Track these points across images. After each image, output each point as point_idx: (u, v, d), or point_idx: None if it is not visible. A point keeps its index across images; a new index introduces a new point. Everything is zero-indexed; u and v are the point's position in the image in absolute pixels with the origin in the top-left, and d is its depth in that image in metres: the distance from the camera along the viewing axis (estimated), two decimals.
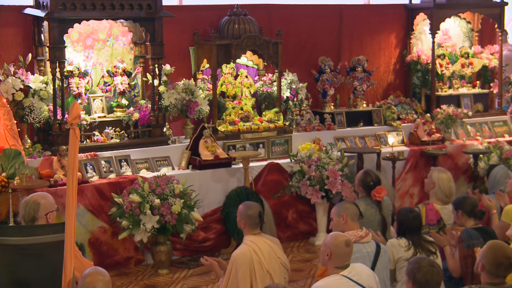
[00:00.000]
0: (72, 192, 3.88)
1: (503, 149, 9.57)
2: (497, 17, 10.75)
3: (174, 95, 8.43)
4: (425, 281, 4.20)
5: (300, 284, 7.40)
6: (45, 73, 8.02)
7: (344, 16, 10.20)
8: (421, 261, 4.29)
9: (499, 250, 4.46)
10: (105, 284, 3.81)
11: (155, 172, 8.12)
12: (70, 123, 3.89)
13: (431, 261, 4.31)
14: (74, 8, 7.69)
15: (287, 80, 9.39)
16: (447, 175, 6.69)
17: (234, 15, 8.93)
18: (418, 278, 4.21)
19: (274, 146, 9.00)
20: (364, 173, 6.71)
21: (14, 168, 7.07)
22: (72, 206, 3.89)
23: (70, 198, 3.88)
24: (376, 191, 6.50)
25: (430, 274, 4.21)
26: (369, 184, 6.56)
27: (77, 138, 3.89)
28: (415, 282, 4.22)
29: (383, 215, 6.51)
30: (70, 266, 3.89)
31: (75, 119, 3.88)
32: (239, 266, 5.29)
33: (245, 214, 5.44)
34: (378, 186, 6.54)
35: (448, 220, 6.53)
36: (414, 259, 4.40)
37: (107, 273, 3.91)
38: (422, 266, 4.24)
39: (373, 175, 6.65)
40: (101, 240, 7.70)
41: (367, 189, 6.58)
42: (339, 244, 4.59)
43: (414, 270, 4.24)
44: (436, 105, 10.30)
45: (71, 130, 3.89)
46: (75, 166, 3.89)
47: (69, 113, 3.96)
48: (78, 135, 3.90)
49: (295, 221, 8.84)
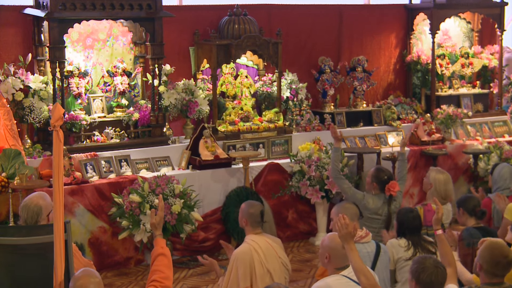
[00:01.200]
0: (59, 196, 3.85)
1: (503, 149, 9.57)
2: (497, 17, 10.75)
3: (174, 95, 8.43)
4: (429, 281, 4.16)
5: (300, 284, 7.40)
6: (45, 73, 8.02)
7: (344, 16, 10.20)
8: (426, 261, 4.23)
9: (496, 249, 4.44)
10: (96, 286, 3.80)
11: (155, 172, 8.12)
12: (53, 125, 3.83)
13: (436, 261, 4.26)
14: (74, 8, 7.69)
15: (287, 80, 9.39)
16: (444, 176, 6.68)
17: (234, 15, 8.93)
18: (423, 279, 4.16)
19: (274, 146, 9.01)
20: (377, 169, 6.91)
21: (14, 168, 7.07)
22: (59, 209, 3.86)
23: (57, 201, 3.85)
24: (391, 186, 6.66)
25: (435, 275, 4.16)
26: (383, 179, 6.72)
27: (60, 141, 3.82)
28: (419, 282, 4.18)
29: (390, 211, 6.60)
30: (60, 268, 3.88)
31: (57, 121, 3.82)
32: (239, 264, 5.31)
33: (247, 212, 5.46)
34: (392, 181, 6.72)
35: (446, 220, 6.54)
36: (419, 258, 4.32)
37: (98, 274, 3.90)
38: (426, 267, 4.18)
39: (386, 170, 6.89)
40: (101, 240, 7.71)
41: (381, 184, 6.73)
42: (336, 246, 4.59)
43: (419, 270, 4.19)
44: (436, 105, 10.30)
45: (54, 132, 3.83)
46: (60, 168, 3.85)
47: (51, 115, 3.90)
48: (62, 137, 3.84)
49: (295, 221, 8.84)
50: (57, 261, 3.87)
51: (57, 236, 3.87)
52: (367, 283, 4.34)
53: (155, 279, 4.14)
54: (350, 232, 4.43)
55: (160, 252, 4.24)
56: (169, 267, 4.23)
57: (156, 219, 4.34)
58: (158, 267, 4.18)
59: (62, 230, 3.88)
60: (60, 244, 3.86)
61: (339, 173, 7.13)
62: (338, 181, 7.13)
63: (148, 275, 4.33)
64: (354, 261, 4.39)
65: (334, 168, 7.15)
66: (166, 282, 4.15)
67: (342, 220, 4.39)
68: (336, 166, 7.14)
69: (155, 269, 4.18)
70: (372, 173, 6.85)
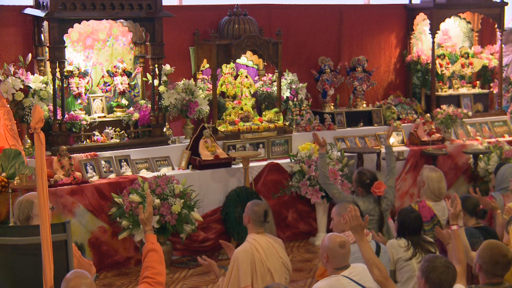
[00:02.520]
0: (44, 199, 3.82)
1: (503, 149, 9.57)
2: (497, 17, 10.75)
3: (174, 95, 8.43)
4: (439, 281, 4.13)
5: (300, 284, 7.40)
6: (45, 73, 8.02)
7: (344, 16, 10.20)
8: (437, 260, 4.20)
9: (495, 249, 4.44)
10: (87, 287, 3.80)
11: (155, 172, 8.12)
12: (33, 128, 3.79)
13: (446, 261, 4.23)
14: (74, 8, 7.69)
15: (287, 80, 9.39)
16: (437, 174, 6.66)
17: (234, 15, 8.93)
18: (432, 278, 4.13)
19: (274, 146, 9.01)
20: (358, 173, 6.86)
21: (14, 168, 7.07)
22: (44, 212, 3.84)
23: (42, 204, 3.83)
24: (376, 187, 6.64)
25: (445, 275, 4.13)
26: (366, 182, 6.70)
27: (42, 143, 3.78)
28: (428, 280, 4.15)
29: (381, 210, 6.60)
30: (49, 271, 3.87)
31: (38, 123, 3.77)
32: (240, 263, 5.31)
33: (251, 210, 5.47)
34: (376, 182, 6.68)
35: (442, 216, 6.53)
36: (430, 257, 4.28)
37: (89, 275, 3.89)
38: (437, 266, 4.15)
39: (368, 173, 6.81)
40: (101, 240, 7.71)
41: (365, 187, 6.72)
42: (333, 247, 4.60)
43: (429, 269, 4.16)
44: (436, 105, 10.30)
45: (35, 135, 3.79)
46: (43, 171, 3.81)
47: (32, 117, 3.88)
48: (43, 139, 3.80)
49: (295, 221, 8.84)
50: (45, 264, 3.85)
51: (44, 239, 3.84)
52: (380, 275, 4.34)
53: (147, 276, 4.13)
54: (361, 223, 4.45)
55: (151, 247, 4.23)
56: (161, 262, 4.22)
57: (145, 214, 4.32)
58: (150, 263, 4.17)
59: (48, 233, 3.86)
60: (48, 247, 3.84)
61: (328, 179, 7.14)
62: (327, 187, 7.14)
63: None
64: (366, 253, 4.40)
65: (322, 174, 7.16)
66: (158, 278, 4.14)
67: (352, 212, 4.45)
68: (323, 172, 7.14)
69: (146, 265, 4.17)
70: (354, 177, 6.85)
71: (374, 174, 6.80)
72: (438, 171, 6.71)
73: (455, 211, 4.96)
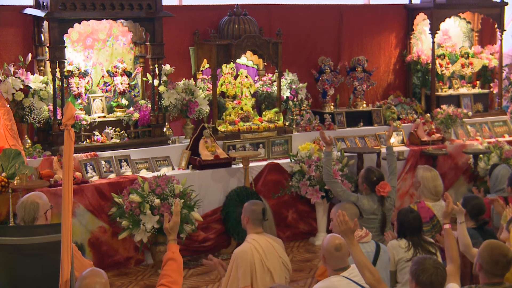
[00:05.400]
0: (68, 194, 3.87)
1: (503, 149, 9.57)
2: (497, 17, 10.76)
3: (174, 95, 8.44)
4: (429, 282, 4.14)
5: (300, 284, 7.40)
6: (45, 73, 8.02)
7: (344, 16, 10.20)
8: (426, 262, 4.21)
9: (495, 249, 4.44)
10: (102, 286, 3.80)
11: (155, 172, 8.12)
12: (65, 124, 3.86)
13: (435, 262, 4.24)
14: (74, 8, 7.69)
15: (287, 80, 9.39)
16: (431, 173, 6.64)
17: (234, 15, 8.93)
18: (423, 280, 4.15)
19: (274, 146, 9.01)
20: (367, 170, 6.85)
21: (14, 168, 7.07)
22: (68, 208, 3.88)
23: (66, 200, 3.87)
24: (381, 187, 6.64)
25: (435, 276, 4.15)
26: (372, 180, 6.69)
27: (71, 140, 3.86)
28: (419, 283, 4.16)
29: (384, 211, 6.59)
30: (67, 266, 3.88)
31: (69, 120, 3.85)
32: (239, 263, 5.31)
33: (249, 209, 5.47)
34: (382, 182, 6.68)
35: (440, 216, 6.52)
36: (418, 259, 4.30)
37: (105, 274, 3.90)
38: (426, 268, 4.17)
39: (376, 171, 6.81)
40: (101, 240, 7.70)
41: (371, 186, 6.70)
42: (330, 249, 4.62)
43: (418, 271, 4.17)
44: (436, 105, 10.31)
45: (66, 131, 3.86)
46: (70, 167, 3.87)
47: (64, 114, 3.94)
48: (73, 136, 3.88)
49: (295, 221, 8.84)
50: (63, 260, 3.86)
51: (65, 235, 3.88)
52: (372, 278, 4.35)
53: (162, 283, 4.18)
54: (350, 227, 4.45)
55: (171, 256, 4.27)
56: (178, 271, 4.26)
57: (170, 224, 4.34)
58: (167, 272, 4.22)
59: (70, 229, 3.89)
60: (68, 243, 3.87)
61: (332, 177, 7.13)
62: (331, 185, 7.13)
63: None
64: (357, 256, 4.40)
65: (327, 172, 7.15)
66: (173, 286, 4.18)
67: (341, 217, 4.46)
68: (328, 170, 7.13)
69: (164, 273, 4.23)
70: (362, 174, 6.85)
71: (382, 174, 6.80)
72: (433, 170, 6.70)
73: (447, 210, 5.00)
